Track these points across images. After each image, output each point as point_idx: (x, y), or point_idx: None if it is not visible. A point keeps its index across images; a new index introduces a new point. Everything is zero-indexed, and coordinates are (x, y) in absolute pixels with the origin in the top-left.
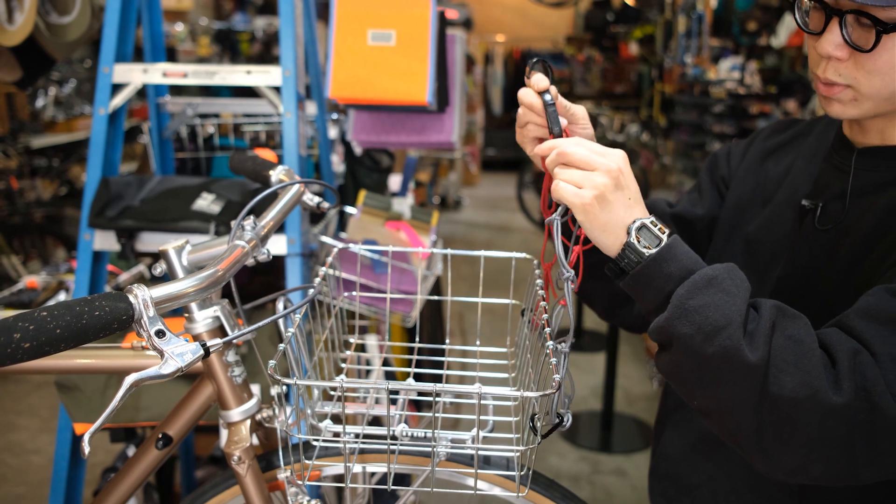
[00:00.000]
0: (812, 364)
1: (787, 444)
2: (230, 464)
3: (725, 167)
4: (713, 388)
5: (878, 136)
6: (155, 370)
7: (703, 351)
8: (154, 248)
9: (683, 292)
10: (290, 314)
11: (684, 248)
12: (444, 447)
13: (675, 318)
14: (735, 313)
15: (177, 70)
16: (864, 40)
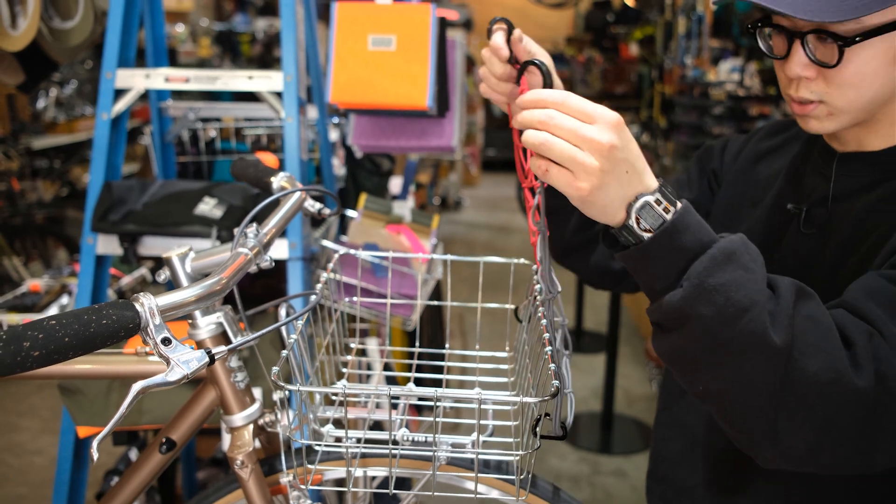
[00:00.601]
0: (834, 346)
1: (801, 428)
2: (233, 468)
3: (718, 161)
4: (727, 372)
5: (855, 143)
6: (161, 378)
7: (723, 334)
8: (156, 252)
9: (702, 269)
10: (293, 321)
11: (696, 218)
12: (444, 451)
13: (693, 299)
14: (758, 293)
15: (179, 75)
16: (829, 56)
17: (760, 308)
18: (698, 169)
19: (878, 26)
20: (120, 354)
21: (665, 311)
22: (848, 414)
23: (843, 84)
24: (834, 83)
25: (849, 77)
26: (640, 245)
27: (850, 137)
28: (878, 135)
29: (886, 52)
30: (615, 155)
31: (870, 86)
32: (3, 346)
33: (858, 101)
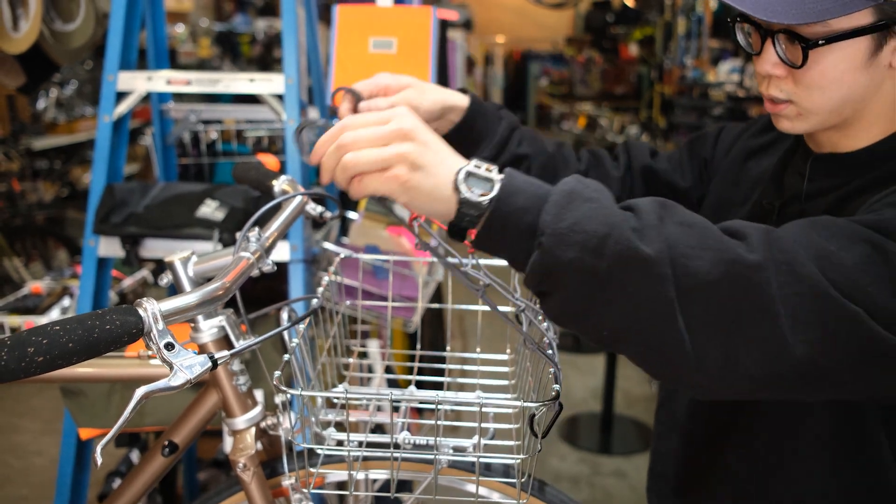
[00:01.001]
0: (718, 239)
1: (711, 336)
2: (235, 471)
3: (710, 150)
4: (617, 303)
5: (829, 145)
6: (164, 382)
7: (597, 268)
8: (158, 254)
9: (549, 218)
10: (295, 325)
11: (523, 177)
12: (445, 455)
13: (553, 249)
14: (611, 216)
15: (180, 78)
16: (796, 57)
17: (620, 229)
18: (690, 155)
19: (843, 31)
20: (122, 358)
21: (536, 273)
22: (752, 304)
23: (810, 85)
24: (802, 84)
25: (816, 79)
26: (485, 223)
27: (825, 139)
28: (851, 137)
29: (853, 57)
30: (420, 135)
31: (837, 89)
32: (7, 351)
33: (826, 104)
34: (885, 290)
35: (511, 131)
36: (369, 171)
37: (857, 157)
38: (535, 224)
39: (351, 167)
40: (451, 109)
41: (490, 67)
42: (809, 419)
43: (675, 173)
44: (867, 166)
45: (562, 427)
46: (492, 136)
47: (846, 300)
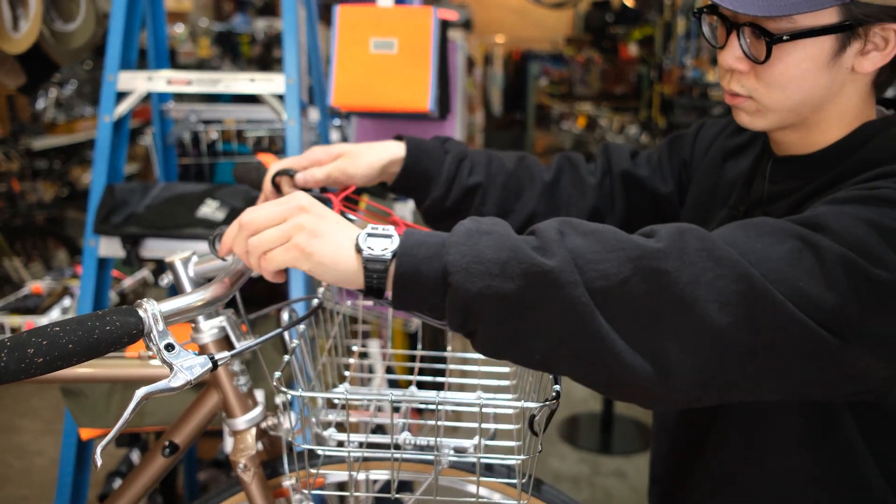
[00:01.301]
0: (622, 240)
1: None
2: (236, 471)
3: (689, 151)
4: (541, 322)
5: (788, 147)
6: (165, 383)
7: (506, 291)
8: (158, 254)
9: (452, 257)
10: (295, 325)
11: (421, 231)
12: (446, 455)
13: (462, 283)
14: (509, 240)
15: (181, 78)
16: (759, 51)
17: (520, 251)
18: (669, 156)
19: (808, 29)
20: (122, 358)
21: (454, 313)
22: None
23: (771, 82)
24: (763, 80)
25: (777, 76)
26: (395, 278)
27: (785, 141)
28: (810, 140)
29: (817, 56)
30: (316, 209)
31: (798, 88)
32: (7, 352)
33: (786, 102)
34: (817, 285)
35: (458, 163)
36: (272, 246)
37: (815, 159)
38: (443, 268)
39: (255, 246)
40: (390, 164)
41: (490, 67)
42: (781, 417)
43: (656, 178)
44: (824, 168)
45: (562, 427)
46: (438, 174)
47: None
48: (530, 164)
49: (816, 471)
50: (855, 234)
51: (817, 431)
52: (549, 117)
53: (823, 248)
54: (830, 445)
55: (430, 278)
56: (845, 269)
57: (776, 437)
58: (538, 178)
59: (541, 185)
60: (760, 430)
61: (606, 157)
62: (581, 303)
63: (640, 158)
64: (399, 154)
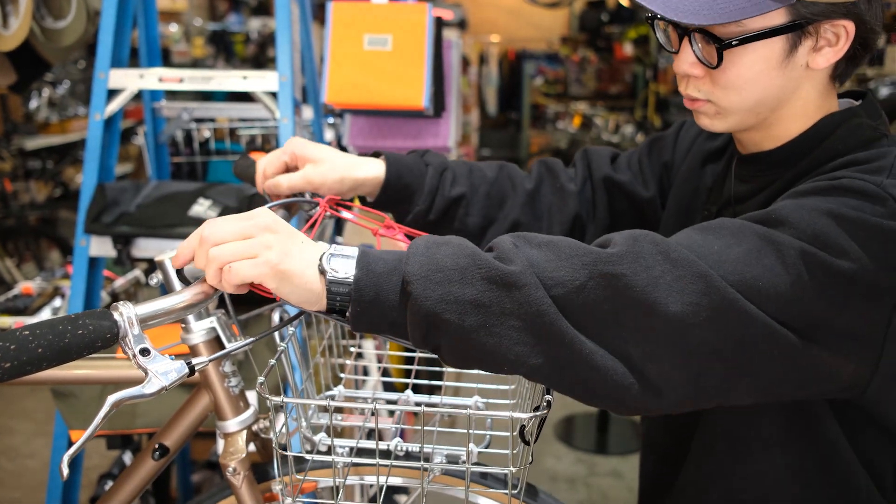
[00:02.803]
0: (576, 248)
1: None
2: (225, 475)
3: (670, 153)
4: (505, 326)
5: (752, 146)
6: (138, 390)
7: (467, 297)
8: (150, 254)
9: (412, 268)
10: (285, 326)
11: (378, 251)
12: (437, 464)
13: (421, 293)
14: (468, 248)
15: (173, 75)
16: (712, 57)
17: (480, 258)
18: (649, 159)
19: (757, 31)
20: (113, 359)
21: (416, 326)
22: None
23: (727, 85)
24: (719, 84)
25: (732, 79)
26: (356, 296)
27: (748, 140)
28: (772, 137)
29: (769, 58)
30: (282, 228)
31: (752, 89)
32: None
33: (743, 104)
34: (779, 282)
35: (440, 175)
36: (235, 259)
37: (776, 155)
38: (402, 280)
39: (216, 258)
40: (362, 182)
41: (485, 67)
42: (763, 419)
43: (637, 182)
44: (788, 163)
45: (558, 427)
46: (421, 188)
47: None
48: (511, 173)
49: (801, 471)
50: (815, 226)
51: (800, 431)
52: (545, 117)
53: (783, 243)
54: (814, 445)
55: (390, 293)
56: (806, 264)
57: (759, 438)
58: (519, 187)
59: (523, 194)
60: (743, 433)
61: (586, 163)
62: (545, 303)
63: (621, 162)
64: (376, 174)
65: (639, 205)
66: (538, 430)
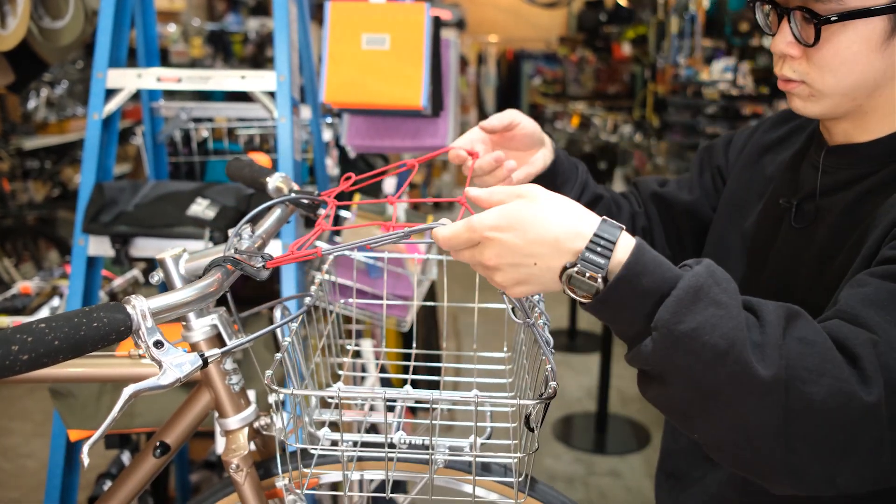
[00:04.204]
0: (836, 366)
1: (817, 459)
2: (228, 472)
3: (723, 157)
4: (721, 419)
5: (843, 136)
6: (154, 381)
7: (706, 382)
8: (148, 253)
9: (669, 315)
10: (287, 323)
11: (652, 255)
12: (441, 455)
13: (665, 349)
14: (735, 329)
15: (171, 75)
16: (809, 35)
17: (741, 345)
18: (699, 169)
19: (857, 9)
20: (112, 357)
21: (640, 361)
22: (865, 434)
23: (823, 66)
24: (815, 64)
25: (828, 59)
26: (599, 295)
27: (839, 130)
28: (865, 128)
29: (868, 38)
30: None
31: (850, 71)
32: None
33: (839, 86)
34: None
35: (587, 174)
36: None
37: (872, 148)
38: (652, 312)
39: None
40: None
41: (483, 67)
42: None
43: (682, 191)
44: (882, 158)
45: (556, 427)
46: (574, 177)
47: None
48: (617, 198)
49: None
50: None
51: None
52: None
53: None
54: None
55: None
56: None
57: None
58: (624, 207)
59: (627, 212)
60: None
61: (636, 188)
62: (775, 423)
63: (670, 181)
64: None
65: (682, 209)
66: (542, 417)
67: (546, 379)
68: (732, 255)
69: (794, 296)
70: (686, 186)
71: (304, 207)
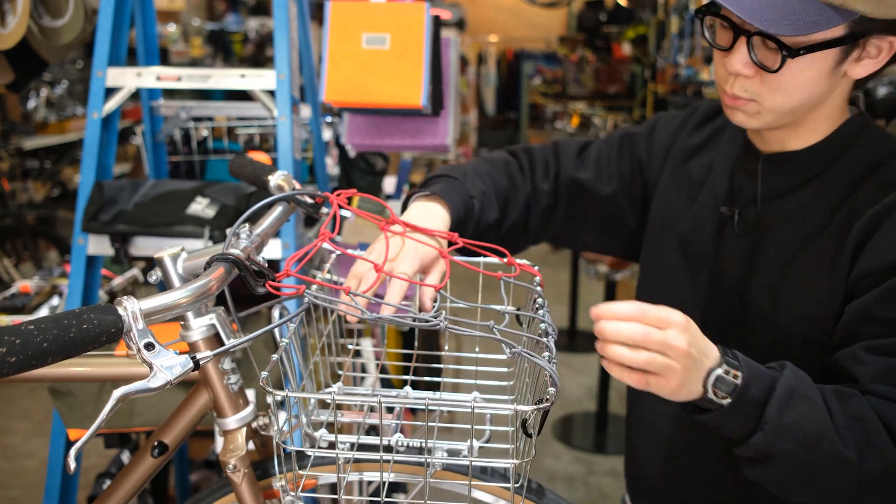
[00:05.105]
0: (882, 440)
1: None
2: (226, 472)
3: (644, 152)
4: (815, 487)
5: (777, 143)
6: (143, 384)
7: (807, 460)
8: (148, 252)
9: (775, 412)
10: (286, 323)
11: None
12: (439, 458)
13: (774, 438)
14: (824, 417)
15: (171, 74)
16: (771, 61)
17: (830, 430)
18: (618, 155)
19: (820, 42)
20: (111, 357)
21: (753, 450)
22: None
23: (777, 88)
24: (769, 86)
25: (784, 83)
26: (721, 410)
27: (773, 138)
28: (798, 137)
29: (822, 65)
30: (691, 353)
31: (801, 93)
32: None
33: (787, 106)
34: None
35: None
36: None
37: (806, 155)
38: (761, 413)
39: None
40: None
41: (483, 67)
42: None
43: (600, 181)
44: (816, 164)
45: (557, 427)
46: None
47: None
48: (511, 172)
49: None
50: None
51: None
52: (543, 116)
53: None
54: None
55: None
56: None
57: None
58: (518, 186)
59: (521, 192)
60: None
61: (557, 161)
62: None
63: (588, 157)
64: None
65: (598, 202)
66: (541, 423)
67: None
68: (672, 262)
69: (752, 303)
70: (605, 176)
71: (305, 206)
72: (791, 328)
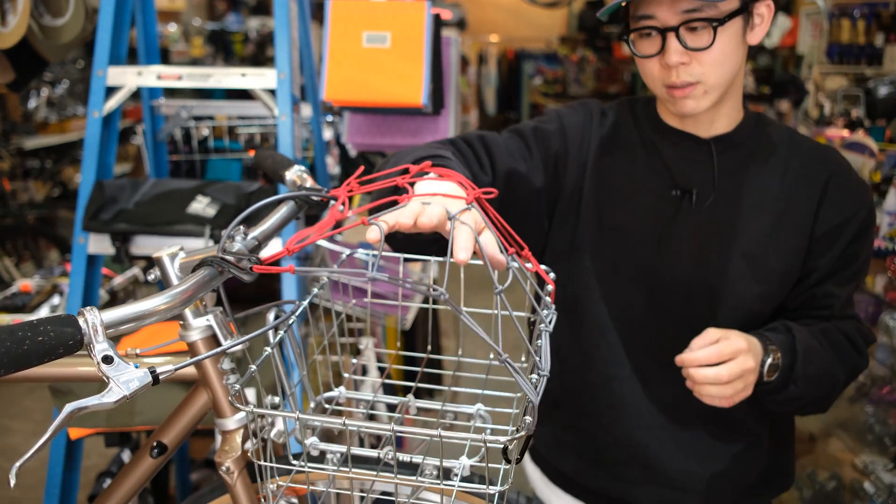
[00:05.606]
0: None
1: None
2: (220, 472)
3: (562, 147)
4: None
5: (708, 124)
6: (97, 399)
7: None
8: (149, 251)
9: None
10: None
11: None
12: (427, 478)
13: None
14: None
15: (171, 73)
16: (702, 41)
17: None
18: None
19: (732, 11)
20: None
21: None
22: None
23: (713, 63)
24: (706, 63)
25: (717, 56)
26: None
27: (705, 118)
28: (724, 116)
29: (736, 33)
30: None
31: (731, 63)
32: None
33: (724, 77)
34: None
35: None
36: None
37: (739, 135)
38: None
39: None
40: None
41: (484, 67)
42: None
43: (533, 174)
44: (748, 142)
45: None
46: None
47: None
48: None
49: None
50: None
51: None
52: None
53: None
54: None
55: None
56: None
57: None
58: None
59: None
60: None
61: (490, 156)
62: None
63: (513, 149)
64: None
65: (532, 194)
66: (523, 449)
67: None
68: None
69: (711, 266)
70: (533, 169)
71: (313, 205)
72: (749, 287)
